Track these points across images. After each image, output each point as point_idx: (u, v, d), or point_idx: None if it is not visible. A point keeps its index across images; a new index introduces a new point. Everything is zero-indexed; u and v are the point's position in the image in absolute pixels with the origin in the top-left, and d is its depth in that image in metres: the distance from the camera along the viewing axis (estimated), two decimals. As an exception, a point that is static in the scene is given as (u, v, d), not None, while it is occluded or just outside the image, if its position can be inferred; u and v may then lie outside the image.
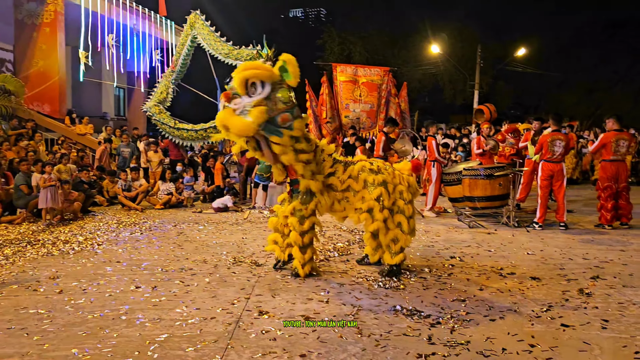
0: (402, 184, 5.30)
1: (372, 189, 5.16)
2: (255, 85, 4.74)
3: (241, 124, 4.68)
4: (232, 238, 7.22)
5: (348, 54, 30.62)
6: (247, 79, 4.71)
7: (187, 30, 12.28)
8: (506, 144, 10.05)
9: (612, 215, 7.85)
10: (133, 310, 4.27)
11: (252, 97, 4.73)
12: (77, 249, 6.51)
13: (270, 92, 4.77)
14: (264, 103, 4.72)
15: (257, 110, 4.66)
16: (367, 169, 5.27)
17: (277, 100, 4.80)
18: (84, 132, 14.05)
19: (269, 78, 4.76)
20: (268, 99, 4.76)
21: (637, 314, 4.22)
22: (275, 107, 4.78)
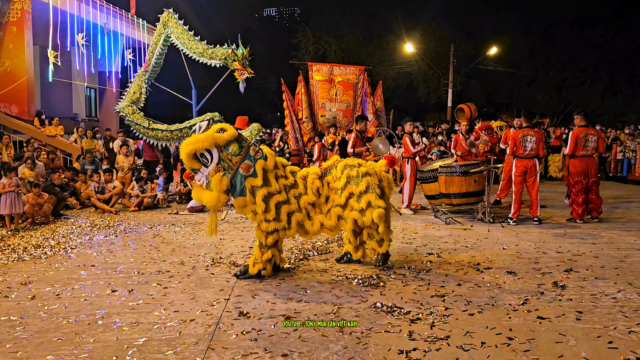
0: (383, 181, 5.35)
1: (358, 180, 5.16)
2: (204, 155, 4.91)
3: (210, 197, 4.92)
4: (210, 239, 7.14)
5: (323, 53, 30.66)
6: (193, 154, 4.89)
7: (160, 29, 12.08)
8: (480, 141, 10.21)
9: (583, 209, 8.03)
10: (110, 314, 4.18)
11: (208, 166, 4.93)
12: (49, 254, 6.35)
13: (219, 154, 4.93)
14: (219, 167, 4.92)
15: (214, 179, 4.89)
16: (349, 166, 5.28)
17: (229, 157, 4.95)
18: (54, 134, 13.70)
19: (211, 144, 4.88)
20: (222, 161, 4.93)
21: (610, 305, 4.33)
22: (230, 164, 4.96)
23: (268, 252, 5.10)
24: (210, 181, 4.91)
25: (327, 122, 13.06)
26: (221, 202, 4.95)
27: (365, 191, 5.13)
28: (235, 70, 11.19)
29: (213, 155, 4.91)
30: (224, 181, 4.89)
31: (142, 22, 19.42)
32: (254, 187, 4.96)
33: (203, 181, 4.96)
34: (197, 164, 4.94)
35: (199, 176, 4.96)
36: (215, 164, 4.91)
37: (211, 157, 4.91)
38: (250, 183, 4.95)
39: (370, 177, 5.19)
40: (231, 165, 4.95)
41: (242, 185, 4.93)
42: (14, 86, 14.36)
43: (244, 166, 4.95)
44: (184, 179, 5.22)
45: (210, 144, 4.87)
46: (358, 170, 5.22)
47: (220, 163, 4.93)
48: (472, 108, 11.33)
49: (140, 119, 11.37)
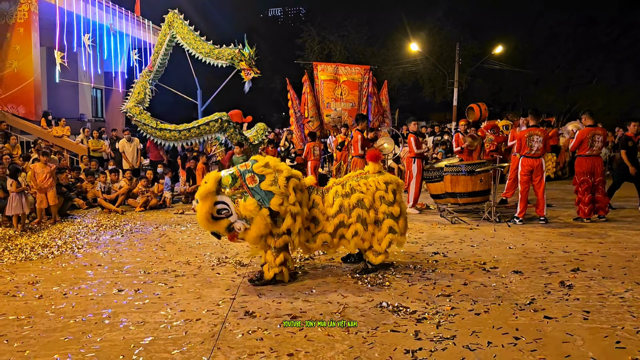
0: (379, 189, 5.20)
1: (350, 212, 5.10)
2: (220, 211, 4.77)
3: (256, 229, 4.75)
4: (215, 239, 7.13)
5: (328, 53, 30.63)
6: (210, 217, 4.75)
7: (165, 29, 12.13)
8: (485, 140, 10.17)
9: (589, 208, 7.99)
10: (116, 313, 4.20)
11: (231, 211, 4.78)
12: (56, 253, 6.38)
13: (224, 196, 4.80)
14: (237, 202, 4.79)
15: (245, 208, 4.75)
16: (340, 194, 5.18)
17: (232, 188, 4.83)
18: (60, 134, 13.77)
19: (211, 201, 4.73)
20: (233, 198, 4.80)
21: (617, 304, 4.30)
22: (240, 190, 4.83)
23: (280, 255, 4.95)
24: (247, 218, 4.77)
25: (332, 121, 13.06)
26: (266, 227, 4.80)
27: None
28: (241, 70, 11.23)
29: (224, 201, 4.78)
30: (253, 204, 4.75)
31: (147, 22, 19.48)
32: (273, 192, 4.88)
33: (242, 224, 4.78)
34: (225, 220, 4.79)
35: (237, 225, 4.79)
36: (233, 204, 4.78)
37: (224, 203, 4.78)
38: (273, 189, 4.86)
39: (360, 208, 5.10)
40: (242, 190, 4.83)
41: (261, 191, 4.83)
42: (21, 87, 14.45)
43: (249, 179, 4.86)
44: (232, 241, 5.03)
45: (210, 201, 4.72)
46: (349, 201, 5.12)
47: (234, 198, 4.80)
48: (483, 108, 11.21)
49: (148, 119, 11.41)
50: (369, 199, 5.14)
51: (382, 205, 5.16)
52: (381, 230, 5.14)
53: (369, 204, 5.13)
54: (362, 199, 5.13)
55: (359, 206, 5.10)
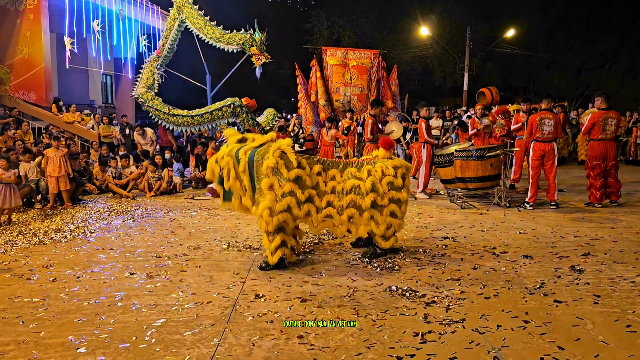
0: (387, 175, 5.16)
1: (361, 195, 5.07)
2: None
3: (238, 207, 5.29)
4: (226, 223, 7.20)
5: (337, 38, 30.40)
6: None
7: (174, 14, 12.09)
8: (496, 125, 10.08)
9: (601, 193, 7.92)
10: (128, 296, 4.26)
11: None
12: (69, 237, 6.46)
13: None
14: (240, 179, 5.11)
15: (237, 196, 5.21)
16: (353, 177, 5.14)
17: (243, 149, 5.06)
18: (71, 120, 13.87)
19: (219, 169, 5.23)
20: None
21: (628, 289, 4.29)
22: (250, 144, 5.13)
23: (276, 238, 4.90)
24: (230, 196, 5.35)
25: (341, 106, 13.00)
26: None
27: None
28: (252, 56, 11.20)
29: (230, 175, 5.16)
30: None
31: (156, 7, 19.43)
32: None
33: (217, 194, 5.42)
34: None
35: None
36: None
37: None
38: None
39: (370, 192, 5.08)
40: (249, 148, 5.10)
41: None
42: (31, 73, 14.54)
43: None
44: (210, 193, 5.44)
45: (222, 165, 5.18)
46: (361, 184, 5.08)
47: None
48: (494, 92, 11.02)
49: (159, 105, 11.44)
50: (367, 186, 5.07)
51: (390, 191, 5.14)
52: (382, 215, 5.12)
53: (366, 190, 5.06)
54: (359, 185, 5.07)
55: (354, 192, 5.05)
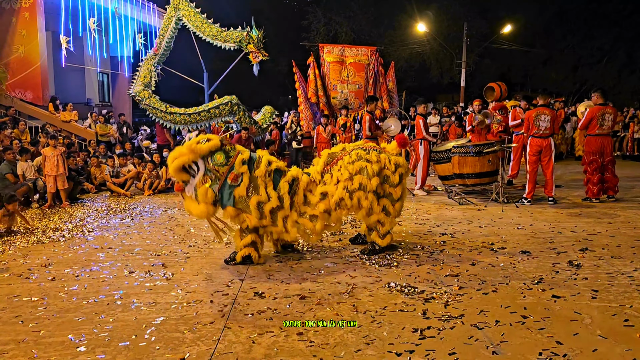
0: (388, 168, 5.18)
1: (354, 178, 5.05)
2: (192, 167, 4.86)
3: (196, 209, 4.89)
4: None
5: (334, 35, 30.32)
6: (180, 168, 4.84)
7: (171, 11, 12.05)
8: (494, 121, 10.10)
9: (598, 188, 7.95)
10: (127, 295, 4.26)
11: (195, 178, 4.88)
12: (67, 237, 6.46)
13: (205, 165, 4.86)
14: (205, 178, 4.86)
15: (201, 191, 4.83)
16: (345, 163, 5.12)
17: (215, 168, 4.87)
18: (68, 119, 13.84)
19: (197, 155, 4.83)
20: (207, 172, 4.86)
21: (626, 283, 4.30)
22: (217, 174, 4.88)
23: (247, 237, 5.01)
24: (198, 197, 4.86)
25: (339, 103, 13.00)
26: (209, 214, 4.93)
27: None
28: (249, 53, 11.17)
29: (199, 166, 4.86)
30: (209, 193, 4.83)
31: (152, 5, 19.37)
32: (241, 195, 4.85)
33: (192, 192, 4.90)
34: (186, 175, 4.91)
35: (188, 188, 4.92)
36: (202, 175, 4.85)
37: (197, 169, 4.86)
38: (239, 193, 4.84)
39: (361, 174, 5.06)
40: (218, 175, 4.86)
41: (230, 195, 4.85)
42: (28, 72, 14.48)
43: (232, 176, 4.86)
44: (175, 191, 5.19)
45: (194, 155, 4.82)
46: (353, 167, 5.07)
47: (207, 174, 4.86)
48: (503, 87, 10.88)
49: (157, 103, 11.42)
50: (374, 169, 5.08)
51: (384, 185, 5.17)
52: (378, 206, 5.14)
53: (373, 173, 5.08)
54: (366, 167, 5.08)
55: (362, 173, 5.07)
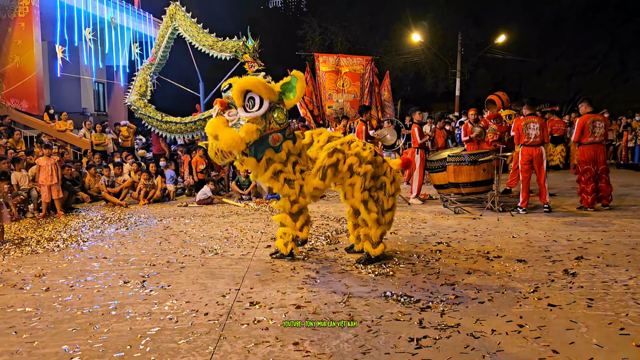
0: (387, 176, 5.24)
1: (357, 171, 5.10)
2: (254, 100, 4.71)
3: (232, 137, 4.64)
4: (220, 230, 7.19)
5: (329, 44, 30.52)
6: (246, 92, 4.69)
7: (167, 21, 12.08)
8: (489, 130, 10.15)
9: (592, 197, 7.98)
10: (122, 305, 4.24)
11: (249, 112, 4.70)
12: (62, 247, 6.42)
13: (267, 110, 4.77)
14: (258, 120, 4.72)
15: (250, 126, 4.65)
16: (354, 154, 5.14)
17: (271, 120, 4.82)
18: (63, 129, 13.82)
19: (269, 96, 4.74)
20: (263, 117, 4.77)
21: (621, 292, 4.31)
22: (268, 126, 4.82)
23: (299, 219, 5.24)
24: (241, 124, 4.68)
25: (334, 113, 13.05)
26: (238, 147, 4.69)
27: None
28: (245, 63, 11.21)
29: (263, 106, 4.71)
30: (255, 134, 4.68)
31: (148, 15, 19.45)
32: (271, 159, 4.94)
33: (233, 119, 4.71)
34: (240, 101, 4.72)
35: (232, 112, 4.71)
36: (257, 116, 4.70)
37: (259, 106, 4.70)
38: (270, 155, 4.92)
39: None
40: (267, 127, 4.80)
41: (262, 151, 4.88)
42: (23, 82, 14.48)
43: (276, 137, 4.86)
44: (218, 103, 4.80)
45: (270, 95, 4.73)
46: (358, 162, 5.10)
47: (260, 119, 4.74)
48: (504, 98, 10.85)
49: (152, 112, 11.43)
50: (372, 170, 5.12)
51: (379, 191, 5.22)
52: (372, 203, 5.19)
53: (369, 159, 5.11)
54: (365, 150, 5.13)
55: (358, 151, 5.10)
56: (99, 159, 11.83)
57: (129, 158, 11.81)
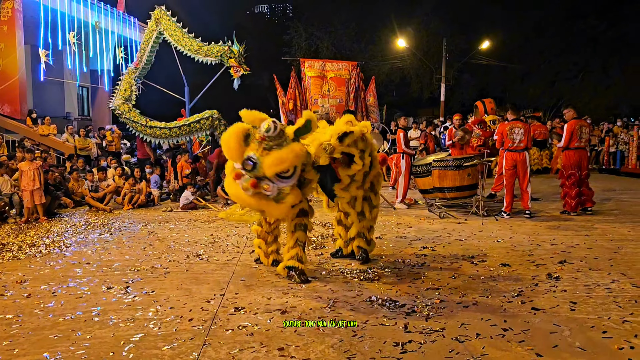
0: (380, 175, 5.46)
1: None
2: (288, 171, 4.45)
3: (279, 210, 4.58)
4: (204, 235, 7.14)
5: (315, 49, 30.57)
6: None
7: (152, 25, 12.02)
8: (473, 135, 10.25)
9: (576, 202, 8.09)
10: (105, 311, 4.18)
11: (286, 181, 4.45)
12: (44, 252, 6.33)
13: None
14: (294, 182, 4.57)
15: (294, 194, 4.52)
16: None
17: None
18: (47, 133, 13.64)
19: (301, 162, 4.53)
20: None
21: (603, 295, 4.37)
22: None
23: None
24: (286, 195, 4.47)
25: (319, 117, 13.04)
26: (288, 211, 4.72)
27: None
28: (230, 68, 11.18)
29: (296, 172, 4.51)
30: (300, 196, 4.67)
31: (133, 19, 19.33)
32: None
33: (273, 193, 4.40)
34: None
35: (269, 187, 4.36)
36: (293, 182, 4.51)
37: (294, 172, 4.49)
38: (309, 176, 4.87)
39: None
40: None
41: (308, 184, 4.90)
42: (6, 85, 14.28)
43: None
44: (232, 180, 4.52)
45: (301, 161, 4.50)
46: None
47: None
48: (489, 106, 10.99)
49: (137, 117, 11.34)
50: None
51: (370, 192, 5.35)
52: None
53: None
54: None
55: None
56: (82, 163, 11.69)
57: (113, 162, 11.69)
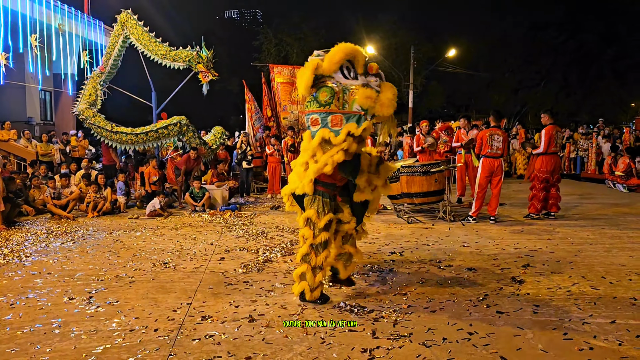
0: None
1: None
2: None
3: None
4: (172, 243, 7.03)
5: (285, 55, 30.64)
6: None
7: (118, 29, 11.79)
8: (440, 141, 10.40)
9: (542, 205, 8.32)
10: (67, 323, 4.06)
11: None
12: (2, 262, 6.10)
13: None
14: None
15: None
16: None
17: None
18: (6, 138, 13.20)
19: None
20: None
21: (565, 297, 4.49)
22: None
23: None
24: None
25: (289, 124, 13.05)
26: None
27: None
28: (199, 73, 11.06)
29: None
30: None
31: (99, 22, 18.96)
32: None
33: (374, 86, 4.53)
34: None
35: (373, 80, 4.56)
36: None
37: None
38: None
39: None
40: None
41: None
42: (-37, 89, 13.79)
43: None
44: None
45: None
46: None
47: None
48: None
49: (102, 122, 11.08)
50: None
51: None
52: None
53: None
54: None
55: None
56: (45, 169, 11.36)
57: (73, 167, 11.39)
